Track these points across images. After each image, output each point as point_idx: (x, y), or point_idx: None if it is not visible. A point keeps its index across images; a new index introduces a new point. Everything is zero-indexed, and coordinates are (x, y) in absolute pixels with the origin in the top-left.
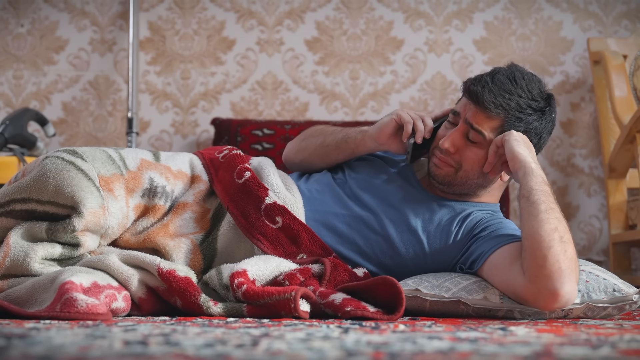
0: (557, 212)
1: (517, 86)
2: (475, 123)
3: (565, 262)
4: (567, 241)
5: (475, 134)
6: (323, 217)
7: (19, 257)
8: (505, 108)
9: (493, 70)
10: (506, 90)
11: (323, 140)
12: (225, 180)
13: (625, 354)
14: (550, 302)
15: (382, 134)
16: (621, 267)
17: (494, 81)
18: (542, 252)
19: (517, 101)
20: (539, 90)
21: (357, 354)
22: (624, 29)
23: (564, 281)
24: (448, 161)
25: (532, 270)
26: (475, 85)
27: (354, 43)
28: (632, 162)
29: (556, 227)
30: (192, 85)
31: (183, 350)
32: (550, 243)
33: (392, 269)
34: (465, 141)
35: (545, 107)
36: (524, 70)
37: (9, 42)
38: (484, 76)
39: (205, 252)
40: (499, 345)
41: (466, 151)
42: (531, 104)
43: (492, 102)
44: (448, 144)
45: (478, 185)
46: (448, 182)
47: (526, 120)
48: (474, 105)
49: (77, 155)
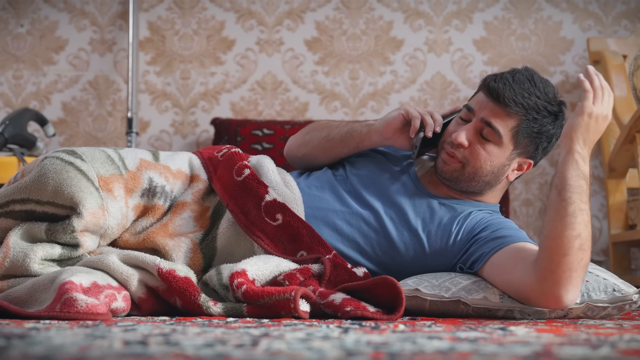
0: (585, 214)
1: (535, 87)
2: (492, 120)
3: (578, 270)
4: (586, 249)
5: (490, 131)
6: (323, 214)
7: (18, 258)
8: (524, 107)
9: (512, 70)
10: (525, 89)
11: (328, 133)
12: (224, 178)
13: (625, 354)
14: (551, 304)
15: (389, 128)
16: (621, 267)
17: (515, 80)
18: (558, 257)
19: (536, 101)
20: (554, 94)
21: (356, 354)
22: (624, 29)
23: (570, 289)
24: (457, 156)
25: (542, 273)
26: (497, 82)
27: (354, 43)
28: (631, 162)
29: (579, 233)
30: (191, 85)
31: (183, 350)
32: (568, 250)
33: (392, 268)
34: (478, 138)
35: (559, 112)
36: (539, 73)
37: (9, 42)
38: (504, 74)
39: (205, 250)
40: (499, 345)
41: (478, 148)
42: (547, 106)
43: (513, 99)
44: (462, 138)
45: (486, 183)
46: (455, 178)
47: (541, 122)
48: (493, 102)
49: (76, 155)
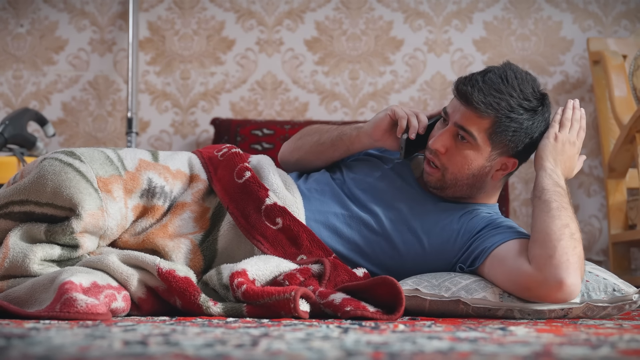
0: (569, 211)
1: (508, 85)
2: (465, 124)
3: (574, 256)
4: (577, 239)
5: (465, 134)
6: (323, 217)
7: (18, 259)
8: (495, 108)
9: (485, 69)
10: (496, 89)
11: (319, 138)
12: (224, 180)
13: (625, 354)
14: (554, 292)
15: (377, 129)
16: (621, 267)
17: (485, 80)
18: (553, 243)
19: (508, 101)
20: (532, 89)
21: (356, 354)
22: (624, 29)
23: (571, 272)
24: (436, 162)
25: (540, 259)
26: (465, 85)
27: (354, 43)
28: (631, 162)
29: (568, 224)
30: (191, 85)
31: (183, 350)
32: (560, 236)
33: (392, 268)
34: (455, 142)
35: (537, 107)
36: (518, 69)
37: (9, 42)
38: (475, 75)
39: (205, 252)
40: (499, 345)
41: (455, 153)
42: (522, 103)
43: (482, 101)
44: (438, 144)
45: (469, 185)
46: (440, 187)
47: (517, 120)
48: (464, 105)
49: (75, 156)
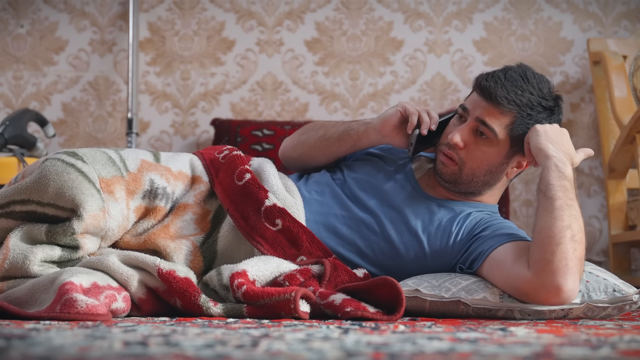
0: (573, 209)
1: (528, 83)
2: (487, 119)
3: (573, 260)
4: (579, 241)
5: (486, 130)
6: (324, 218)
7: (18, 260)
8: (517, 104)
9: (504, 67)
10: (518, 86)
11: (324, 132)
12: (225, 182)
13: (625, 355)
14: (552, 297)
15: (386, 125)
16: (621, 267)
17: (507, 77)
18: (552, 247)
19: (529, 98)
20: (549, 89)
21: (357, 355)
22: (624, 29)
23: (569, 277)
24: (454, 157)
25: (538, 264)
26: (488, 81)
27: (354, 44)
28: (631, 162)
29: (569, 225)
30: (191, 85)
31: (183, 350)
32: (560, 240)
33: (392, 269)
34: (474, 137)
35: (554, 107)
36: (534, 69)
37: (9, 42)
38: (496, 72)
39: (205, 253)
40: (499, 346)
41: (474, 148)
42: (541, 101)
43: (505, 97)
44: (458, 138)
45: (484, 182)
46: (454, 180)
47: (536, 117)
48: (486, 101)
49: (78, 157)
